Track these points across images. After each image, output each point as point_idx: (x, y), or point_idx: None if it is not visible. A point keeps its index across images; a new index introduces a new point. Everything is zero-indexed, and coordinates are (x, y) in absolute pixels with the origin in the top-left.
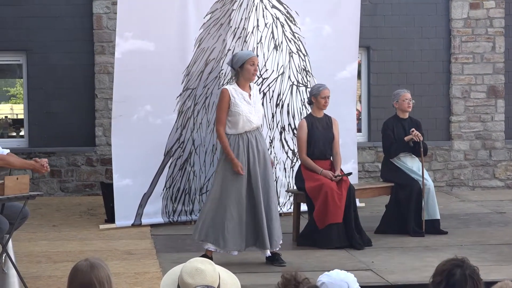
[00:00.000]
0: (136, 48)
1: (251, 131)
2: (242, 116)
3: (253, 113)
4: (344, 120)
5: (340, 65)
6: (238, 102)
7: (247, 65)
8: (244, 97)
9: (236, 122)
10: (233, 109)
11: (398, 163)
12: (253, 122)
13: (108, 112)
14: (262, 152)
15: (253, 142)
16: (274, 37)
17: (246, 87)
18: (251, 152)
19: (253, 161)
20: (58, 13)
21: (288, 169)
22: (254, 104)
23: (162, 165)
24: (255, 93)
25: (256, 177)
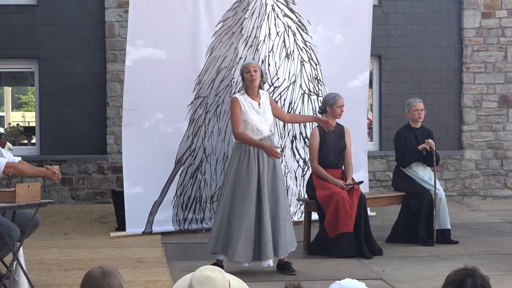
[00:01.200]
0: (148, 56)
1: (261, 139)
2: (252, 126)
3: (263, 122)
4: (356, 129)
5: (352, 74)
6: (248, 111)
7: (244, 74)
8: (253, 106)
9: (245, 129)
10: (243, 118)
11: (409, 172)
12: (263, 131)
13: (120, 120)
14: (272, 161)
15: (262, 151)
16: (285, 45)
17: (254, 95)
18: (261, 160)
19: (263, 170)
20: (70, 21)
21: (299, 178)
22: (264, 113)
23: (173, 173)
24: (264, 101)
25: (263, 186)
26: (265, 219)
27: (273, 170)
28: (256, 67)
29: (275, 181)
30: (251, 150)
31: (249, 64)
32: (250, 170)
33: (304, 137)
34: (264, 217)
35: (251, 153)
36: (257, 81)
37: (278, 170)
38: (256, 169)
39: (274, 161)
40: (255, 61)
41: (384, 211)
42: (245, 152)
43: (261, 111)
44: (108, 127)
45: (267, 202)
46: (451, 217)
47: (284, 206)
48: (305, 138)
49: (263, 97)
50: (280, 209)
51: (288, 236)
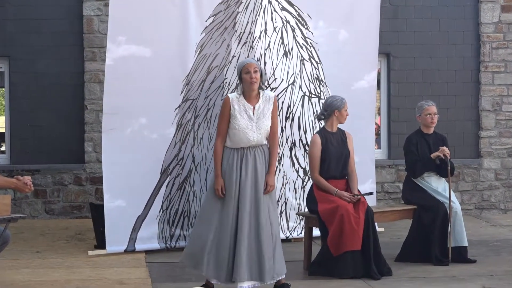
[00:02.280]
0: (130, 54)
1: (250, 147)
2: (239, 132)
3: (253, 130)
4: (362, 135)
5: (357, 74)
6: (237, 115)
7: (243, 74)
8: (246, 110)
9: (233, 136)
10: (231, 122)
11: (422, 183)
12: (251, 139)
13: (99, 125)
14: (261, 171)
15: (249, 159)
16: (283, 42)
17: (252, 98)
18: (243, 169)
19: (245, 180)
20: (44, 16)
21: (299, 190)
22: (257, 119)
23: (158, 184)
24: (262, 106)
25: (244, 198)
26: (241, 235)
27: (255, 182)
28: (256, 68)
29: (256, 195)
30: (234, 157)
31: (249, 64)
32: (231, 179)
33: (304, 144)
34: (240, 233)
35: (234, 160)
36: (257, 84)
37: (259, 183)
38: (237, 178)
39: (258, 173)
40: (255, 60)
41: (393, 227)
42: (228, 157)
43: (254, 117)
44: (86, 133)
45: (246, 217)
46: (468, 233)
47: (266, 224)
48: (305, 145)
49: (263, 101)
50: (262, 229)
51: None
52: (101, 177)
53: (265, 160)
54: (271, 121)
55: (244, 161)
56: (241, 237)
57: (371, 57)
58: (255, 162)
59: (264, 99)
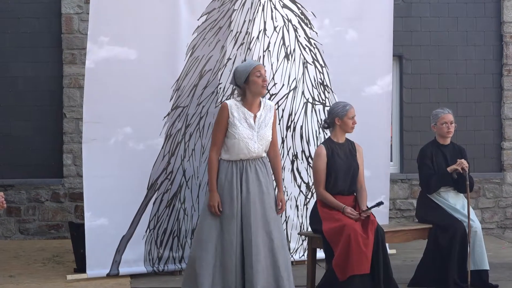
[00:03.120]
0: (113, 56)
1: (250, 159)
2: (238, 141)
3: (254, 140)
4: (376, 147)
5: (369, 79)
6: (237, 123)
7: (253, 77)
8: (246, 118)
9: (232, 147)
10: (230, 130)
11: (438, 200)
12: (252, 150)
13: (79, 135)
14: (266, 184)
15: (249, 173)
16: (285, 43)
17: (254, 106)
18: (244, 185)
19: (247, 197)
20: (18, 13)
21: (301, 207)
22: (259, 128)
23: (145, 201)
24: (264, 115)
25: (249, 217)
26: (256, 257)
27: (261, 199)
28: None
29: (265, 212)
30: (234, 171)
31: (259, 66)
32: (232, 195)
33: (307, 156)
34: (255, 255)
35: (233, 175)
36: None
37: (267, 199)
38: (238, 194)
39: (263, 188)
40: (262, 64)
41: (406, 248)
42: (226, 171)
43: (255, 126)
44: (65, 144)
45: (258, 237)
46: (489, 255)
47: (281, 246)
48: (308, 158)
49: (265, 110)
50: (277, 249)
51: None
52: (81, 193)
53: (268, 173)
54: (272, 136)
55: (244, 176)
56: (256, 259)
57: (384, 59)
58: (257, 176)
59: (265, 108)
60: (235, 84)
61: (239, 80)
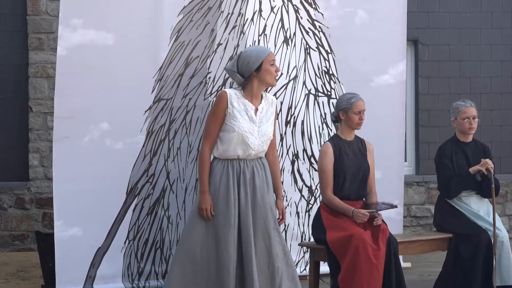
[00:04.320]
0: (88, 41)
1: (247, 159)
2: (238, 135)
3: (254, 135)
4: (388, 145)
5: (380, 67)
6: (237, 115)
7: (267, 65)
8: (247, 110)
9: (228, 141)
10: (228, 122)
11: (459, 206)
12: (251, 146)
13: (48, 132)
14: (261, 189)
15: (247, 174)
16: (284, 26)
17: (256, 98)
18: (242, 189)
19: (245, 203)
20: None
21: (302, 214)
22: (260, 122)
23: (123, 207)
24: (266, 108)
25: (248, 227)
26: (252, 270)
27: (262, 203)
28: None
29: (265, 217)
30: (229, 171)
31: (272, 54)
32: (229, 201)
33: (310, 155)
34: (258, 275)
35: (229, 175)
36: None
37: (267, 203)
38: (235, 198)
39: (263, 191)
40: None
41: (423, 261)
42: (221, 172)
43: (256, 119)
44: (30, 143)
45: (252, 246)
46: None
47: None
48: (310, 158)
49: (266, 103)
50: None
51: None
52: (50, 198)
53: (266, 176)
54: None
55: (242, 178)
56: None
57: (397, 45)
58: (253, 178)
59: (267, 101)
60: (238, 72)
61: (248, 67)
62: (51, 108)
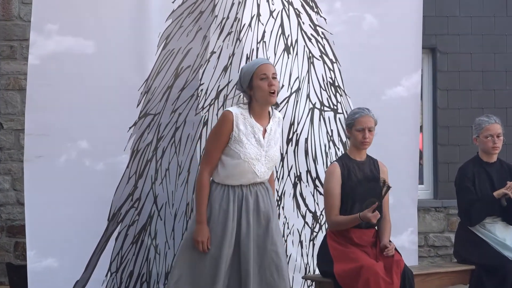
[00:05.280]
0: (65, 49)
1: (252, 184)
2: (243, 163)
3: (262, 161)
4: (400, 166)
5: (391, 78)
6: (243, 139)
7: (257, 80)
8: (255, 133)
9: (231, 168)
10: (232, 147)
11: (482, 234)
12: (258, 175)
13: (20, 151)
14: (266, 215)
15: (250, 201)
16: (284, 32)
17: (263, 117)
18: (244, 215)
19: (247, 234)
20: None
21: (306, 243)
22: (268, 146)
23: (105, 236)
24: (274, 129)
25: (247, 255)
26: None
27: (265, 231)
28: (275, 72)
29: (269, 247)
30: (230, 197)
31: (266, 66)
32: (226, 230)
33: (314, 177)
34: None
35: (230, 202)
36: (276, 97)
37: (274, 232)
38: (235, 227)
39: (268, 219)
40: (271, 62)
41: None
42: (221, 198)
43: (264, 143)
44: (1, 163)
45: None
46: None
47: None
48: (315, 180)
49: (274, 123)
50: None
51: None
52: (22, 225)
53: (270, 200)
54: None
55: (244, 204)
56: None
57: (412, 53)
58: (257, 204)
59: (274, 120)
60: (242, 90)
61: (244, 85)
62: (24, 125)
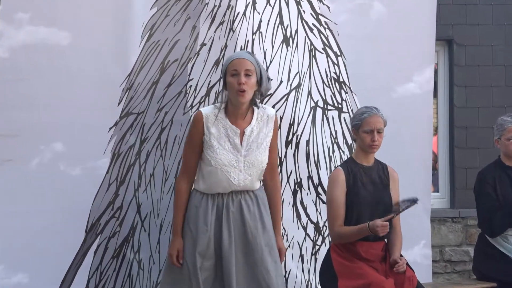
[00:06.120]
0: (37, 40)
1: (235, 191)
2: (216, 170)
3: (239, 167)
4: (410, 171)
5: (402, 73)
6: (214, 144)
7: (228, 77)
8: (229, 135)
9: (207, 175)
10: (205, 153)
11: (504, 247)
12: (234, 183)
13: None
14: (254, 228)
15: (231, 208)
16: (283, 22)
17: (240, 118)
18: (225, 225)
19: (229, 247)
20: None
21: (307, 258)
22: (248, 151)
23: (82, 249)
24: (257, 131)
25: (230, 271)
26: None
27: (252, 246)
28: (250, 68)
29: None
30: (209, 207)
31: (238, 61)
32: (201, 242)
33: (317, 184)
34: None
35: (208, 212)
36: (248, 94)
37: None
38: (215, 242)
39: (255, 231)
40: (251, 56)
41: None
42: (198, 207)
43: (242, 147)
44: None
45: None
46: None
47: None
48: (317, 187)
49: (259, 123)
50: None
51: None
52: None
53: (260, 211)
54: (270, 154)
55: (225, 213)
56: None
57: (425, 45)
58: (241, 214)
59: (260, 120)
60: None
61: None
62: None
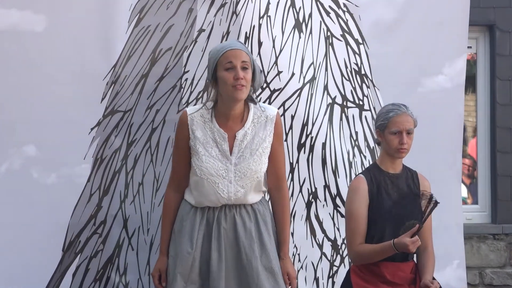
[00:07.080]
0: (7, 26)
1: (228, 205)
2: (202, 181)
3: (228, 178)
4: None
5: (431, 64)
6: (200, 150)
7: (221, 71)
8: (217, 140)
9: (194, 185)
10: (192, 161)
11: None
12: (223, 195)
13: None
14: (249, 249)
15: (225, 226)
16: (295, 4)
17: (231, 120)
18: (215, 245)
19: (217, 267)
20: None
21: (323, 281)
22: (239, 158)
23: (59, 270)
24: (252, 134)
25: None
26: None
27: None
28: (246, 60)
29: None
30: (197, 221)
31: (234, 52)
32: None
33: (335, 195)
34: None
35: (195, 227)
36: (245, 91)
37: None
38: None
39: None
40: (243, 46)
41: None
42: (186, 221)
43: (233, 154)
44: None
45: None
46: None
47: None
48: (335, 198)
49: (254, 125)
50: None
51: None
52: None
53: (259, 229)
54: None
55: (216, 228)
56: None
57: (456, 33)
58: (236, 233)
59: (255, 121)
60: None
61: (209, 76)
62: None
